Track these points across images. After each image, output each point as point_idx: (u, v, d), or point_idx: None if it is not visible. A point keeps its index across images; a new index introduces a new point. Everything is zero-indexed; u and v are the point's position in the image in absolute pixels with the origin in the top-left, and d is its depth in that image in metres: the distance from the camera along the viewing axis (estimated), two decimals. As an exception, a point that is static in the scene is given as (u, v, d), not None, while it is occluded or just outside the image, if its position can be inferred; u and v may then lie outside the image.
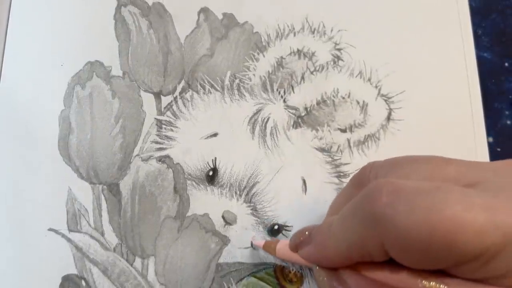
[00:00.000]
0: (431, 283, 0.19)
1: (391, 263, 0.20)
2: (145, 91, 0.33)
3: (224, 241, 0.30)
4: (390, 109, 0.33)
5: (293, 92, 0.33)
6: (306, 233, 0.24)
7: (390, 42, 0.34)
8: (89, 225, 0.30)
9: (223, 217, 0.30)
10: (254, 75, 0.33)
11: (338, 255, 0.22)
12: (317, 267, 0.24)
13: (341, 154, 0.32)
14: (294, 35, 0.34)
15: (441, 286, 0.19)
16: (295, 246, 0.25)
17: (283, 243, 0.27)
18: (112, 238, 0.30)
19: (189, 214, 0.31)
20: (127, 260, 0.30)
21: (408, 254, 0.19)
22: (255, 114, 0.32)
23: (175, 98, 0.33)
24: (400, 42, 0.34)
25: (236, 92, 0.33)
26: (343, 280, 0.22)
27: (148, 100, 0.32)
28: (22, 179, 0.31)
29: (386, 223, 0.18)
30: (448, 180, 0.20)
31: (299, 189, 0.31)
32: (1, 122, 0.32)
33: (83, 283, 0.29)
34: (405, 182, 0.19)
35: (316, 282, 0.24)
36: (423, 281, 0.19)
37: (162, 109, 0.32)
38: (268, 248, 0.28)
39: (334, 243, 0.22)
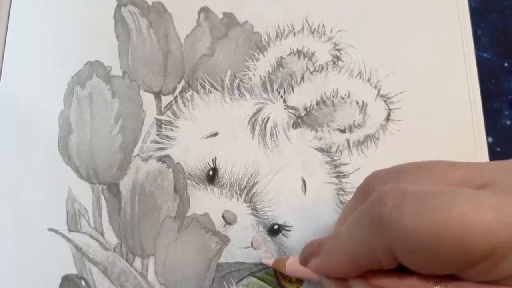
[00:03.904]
0: None
1: (400, 271, 0.20)
2: (145, 90, 0.33)
3: (224, 241, 0.30)
4: (390, 110, 0.33)
5: (293, 92, 0.33)
6: (316, 244, 0.24)
7: (389, 43, 0.34)
8: (89, 225, 0.30)
9: (223, 216, 0.30)
10: (254, 75, 0.33)
11: (346, 263, 0.21)
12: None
13: (341, 154, 0.32)
14: (294, 35, 0.34)
15: None
16: (305, 259, 0.25)
17: (292, 259, 0.27)
18: (112, 238, 0.30)
19: (189, 214, 0.31)
20: (127, 260, 0.30)
21: (417, 257, 0.18)
22: (255, 114, 0.32)
23: (175, 98, 0.33)
24: (400, 42, 0.34)
25: (236, 91, 0.33)
26: None
27: (148, 99, 0.32)
28: (22, 179, 0.31)
29: (393, 226, 0.18)
30: (456, 184, 0.19)
31: (299, 189, 0.31)
32: (1, 122, 0.32)
33: (83, 283, 0.29)
34: (411, 186, 0.19)
35: None
36: (435, 287, 0.19)
37: (162, 109, 0.32)
38: (278, 265, 0.28)
39: (342, 250, 0.21)
